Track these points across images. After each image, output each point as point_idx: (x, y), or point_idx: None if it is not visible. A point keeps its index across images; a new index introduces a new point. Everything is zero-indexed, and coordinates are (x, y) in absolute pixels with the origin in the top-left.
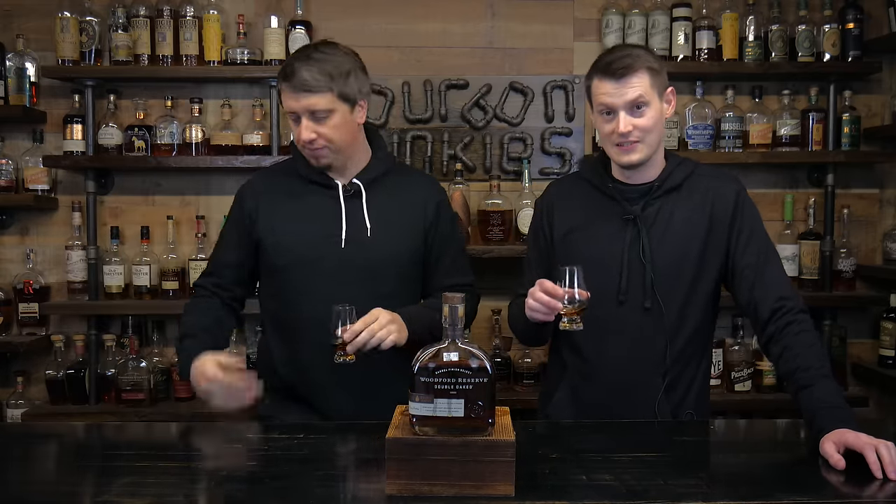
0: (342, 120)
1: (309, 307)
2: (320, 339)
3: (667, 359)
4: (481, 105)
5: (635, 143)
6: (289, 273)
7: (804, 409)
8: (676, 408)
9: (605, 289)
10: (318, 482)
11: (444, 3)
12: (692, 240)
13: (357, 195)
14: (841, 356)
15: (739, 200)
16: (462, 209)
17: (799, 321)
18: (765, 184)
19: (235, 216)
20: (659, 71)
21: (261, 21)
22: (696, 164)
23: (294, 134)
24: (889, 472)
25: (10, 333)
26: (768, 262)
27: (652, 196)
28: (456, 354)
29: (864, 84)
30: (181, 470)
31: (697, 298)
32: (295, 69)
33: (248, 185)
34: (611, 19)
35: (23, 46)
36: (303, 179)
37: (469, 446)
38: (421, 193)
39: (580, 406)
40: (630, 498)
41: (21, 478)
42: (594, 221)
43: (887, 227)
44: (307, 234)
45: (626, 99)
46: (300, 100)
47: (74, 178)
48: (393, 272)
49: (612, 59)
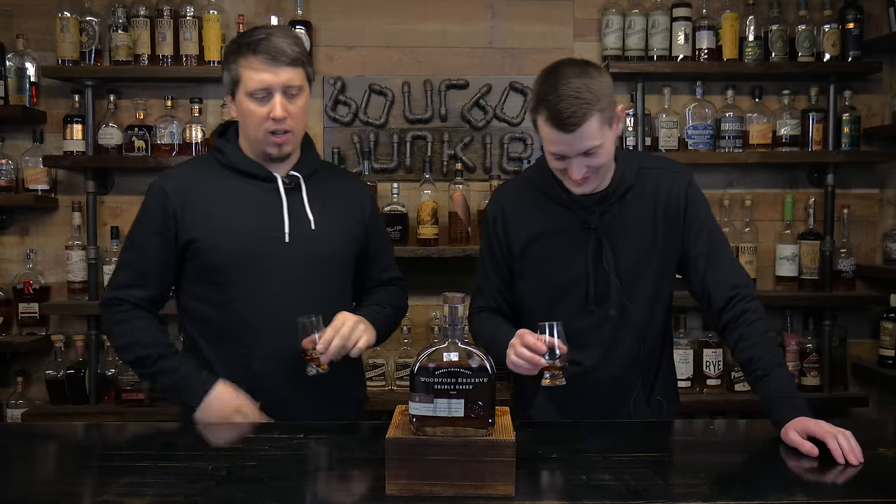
0: (305, 103)
1: (254, 308)
2: (270, 343)
3: (639, 358)
4: (481, 105)
5: (588, 177)
6: (229, 274)
7: (762, 398)
8: (648, 398)
9: (571, 299)
10: (318, 482)
11: (444, 3)
12: (651, 239)
13: (297, 188)
14: (841, 356)
15: (689, 192)
16: (462, 209)
17: (752, 309)
18: (765, 184)
19: (154, 217)
20: (607, 106)
21: (261, 21)
22: (642, 157)
23: (252, 116)
24: (850, 458)
25: (10, 333)
26: (719, 250)
27: (608, 202)
28: (456, 354)
29: (864, 84)
30: (181, 470)
31: (661, 294)
32: (270, 40)
33: (165, 182)
34: (611, 19)
35: (23, 46)
36: (232, 172)
37: (469, 446)
38: (354, 189)
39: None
40: (630, 498)
41: (21, 478)
42: (552, 232)
43: (887, 227)
44: (247, 230)
45: (579, 150)
46: (279, 73)
47: (74, 178)
48: (336, 267)
49: (558, 106)
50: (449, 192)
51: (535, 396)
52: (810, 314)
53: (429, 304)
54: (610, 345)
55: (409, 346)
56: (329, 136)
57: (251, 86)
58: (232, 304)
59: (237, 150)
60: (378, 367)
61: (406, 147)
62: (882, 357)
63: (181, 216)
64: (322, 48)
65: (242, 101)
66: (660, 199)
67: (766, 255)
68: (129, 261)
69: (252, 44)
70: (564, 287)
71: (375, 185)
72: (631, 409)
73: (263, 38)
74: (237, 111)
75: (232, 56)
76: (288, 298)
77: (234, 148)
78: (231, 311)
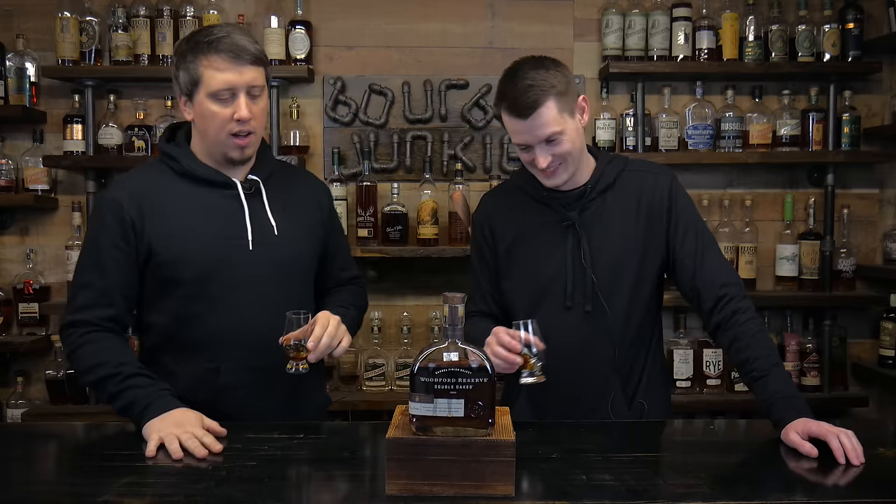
0: (266, 104)
1: (220, 320)
2: (236, 355)
3: (616, 358)
4: (481, 105)
5: (557, 169)
6: (194, 287)
7: (760, 399)
8: (630, 401)
9: (552, 297)
10: (318, 482)
11: (444, 3)
12: (631, 239)
13: (257, 193)
14: (841, 356)
15: (673, 191)
16: (462, 209)
17: (743, 309)
18: (765, 184)
19: (111, 231)
20: (566, 90)
21: (261, 21)
22: (626, 160)
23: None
24: (852, 458)
25: (10, 333)
26: (707, 249)
27: (587, 199)
28: (456, 354)
29: (864, 84)
30: (181, 470)
31: (641, 294)
32: (231, 38)
33: (117, 193)
34: (611, 19)
35: (23, 46)
36: (186, 180)
37: (469, 446)
38: (312, 189)
39: (539, 411)
40: (630, 498)
41: (21, 478)
42: (534, 231)
43: (887, 227)
44: (210, 240)
45: (538, 137)
46: (243, 72)
47: (74, 178)
48: (301, 271)
49: (515, 94)
50: (449, 192)
51: (517, 398)
52: (810, 314)
53: (429, 304)
54: (586, 344)
55: (409, 346)
56: (329, 136)
57: (214, 86)
58: (197, 317)
59: (191, 156)
60: (378, 367)
61: (406, 147)
62: (882, 357)
63: (140, 227)
64: (322, 48)
65: (203, 103)
66: (642, 199)
67: (766, 255)
68: (88, 280)
69: (213, 42)
70: (545, 284)
71: (376, 184)
72: (609, 411)
73: (224, 35)
74: (196, 113)
75: (190, 55)
76: (255, 308)
77: (187, 153)
78: (196, 325)
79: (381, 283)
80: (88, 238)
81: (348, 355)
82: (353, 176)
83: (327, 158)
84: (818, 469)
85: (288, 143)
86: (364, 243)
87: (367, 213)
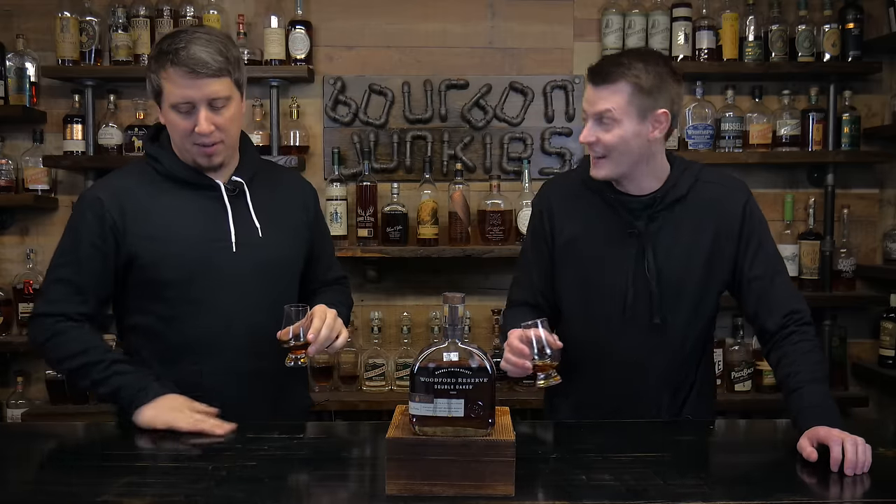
0: (236, 111)
1: (204, 322)
2: (220, 357)
3: (669, 374)
4: (481, 105)
5: (600, 159)
6: (177, 288)
7: (791, 410)
8: (678, 413)
9: (610, 305)
10: (318, 482)
11: (444, 3)
12: (698, 254)
13: (241, 195)
14: (841, 356)
15: (747, 210)
16: (462, 209)
17: (802, 332)
18: (765, 184)
19: (91, 230)
20: (647, 90)
21: (261, 21)
22: (700, 169)
23: (177, 129)
24: (846, 468)
25: (10, 333)
26: (777, 273)
27: (655, 209)
28: (456, 354)
29: (864, 84)
30: (181, 470)
31: (702, 310)
32: (189, 50)
33: (100, 192)
34: (611, 19)
35: (23, 46)
36: (169, 181)
37: (469, 446)
38: (298, 190)
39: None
40: (630, 498)
41: (21, 478)
42: (597, 232)
43: (887, 227)
44: (193, 243)
45: (595, 109)
46: (201, 87)
47: (74, 178)
48: (286, 272)
49: (602, 63)
50: (449, 192)
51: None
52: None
53: (429, 304)
54: (641, 357)
55: (409, 346)
56: (329, 136)
57: (172, 99)
58: (180, 320)
59: (174, 158)
60: (378, 367)
61: (406, 147)
62: (882, 357)
63: (121, 228)
64: (322, 48)
65: (167, 113)
66: (714, 214)
67: None
68: (63, 276)
69: (170, 53)
70: (602, 290)
71: (376, 184)
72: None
73: (182, 46)
74: (164, 120)
75: (154, 64)
76: (238, 310)
77: (170, 155)
78: (179, 327)
79: (381, 283)
80: (67, 234)
81: (348, 355)
82: (353, 176)
83: (327, 158)
84: (818, 469)
85: (288, 143)
86: (364, 243)
87: (367, 213)
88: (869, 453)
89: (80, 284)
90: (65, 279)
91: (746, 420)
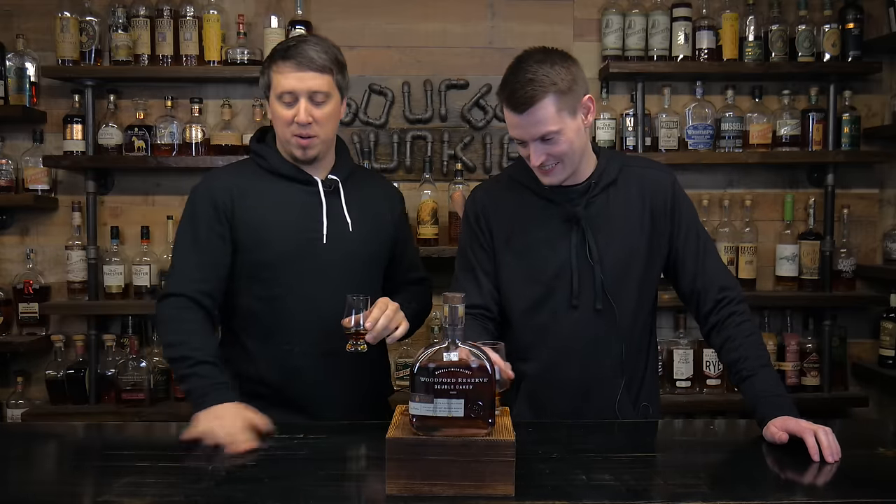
0: (334, 109)
1: (295, 305)
2: (308, 339)
3: (623, 356)
4: (481, 105)
5: (554, 167)
6: (273, 270)
7: (747, 399)
8: (634, 402)
9: (557, 294)
10: (318, 482)
11: (444, 3)
12: (637, 235)
13: (336, 191)
14: (841, 356)
15: (675, 191)
16: (462, 209)
17: (739, 312)
18: (765, 184)
19: (208, 214)
20: (568, 88)
21: (261, 21)
22: (625, 157)
23: (280, 119)
24: (826, 455)
25: (10, 333)
26: (708, 252)
27: (591, 195)
28: (456, 354)
29: (864, 84)
30: (181, 470)
31: (646, 293)
32: (299, 48)
33: (213, 182)
34: (611, 19)
35: (23, 46)
36: (273, 175)
37: (469, 446)
38: (386, 193)
39: (540, 413)
40: (630, 498)
41: (21, 478)
42: (534, 225)
43: (887, 227)
44: (288, 231)
45: (533, 134)
46: (305, 79)
47: (74, 178)
48: (370, 267)
49: (514, 86)
50: (449, 192)
51: (516, 399)
52: (810, 314)
53: None
54: (594, 343)
55: (409, 346)
56: None
57: (279, 89)
58: (275, 301)
59: (277, 155)
60: None
61: (406, 147)
62: (882, 357)
63: (231, 215)
64: None
65: (273, 104)
66: (645, 196)
67: (766, 255)
68: (185, 257)
69: (283, 50)
70: (548, 281)
71: None
72: (616, 412)
73: (294, 45)
74: (270, 114)
75: (268, 62)
76: (326, 297)
77: (274, 152)
78: (274, 307)
79: None
80: (184, 223)
81: None
82: None
83: None
84: (817, 469)
85: None
86: None
87: None
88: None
89: (201, 263)
90: (186, 260)
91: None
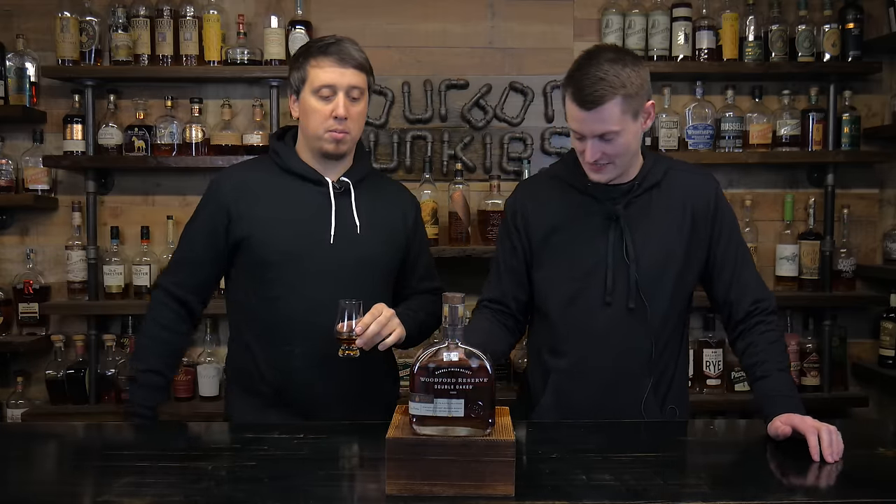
0: (365, 109)
1: (297, 306)
2: (309, 341)
3: (653, 357)
4: (481, 105)
5: (605, 165)
6: (276, 270)
7: (756, 396)
8: (661, 404)
9: (591, 290)
10: (318, 482)
11: (444, 3)
12: (675, 238)
13: (346, 193)
14: (841, 356)
15: (718, 197)
16: (462, 209)
17: (767, 322)
18: (765, 184)
19: (208, 210)
20: (636, 93)
21: (261, 21)
22: (671, 160)
23: (316, 112)
24: (826, 455)
25: (10, 333)
26: (745, 263)
27: (633, 195)
28: (456, 354)
29: (864, 84)
30: (181, 470)
31: (681, 294)
32: (339, 45)
33: (222, 179)
34: (611, 19)
35: (23, 46)
36: (286, 174)
37: (469, 446)
38: (400, 199)
39: (565, 410)
40: (630, 498)
41: (21, 478)
42: (574, 221)
43: (887, 227)
44: (294, 229)
45: (595, 131)
46: (345, 74)
47: (74, 178)
48: (377, 272)
49: (583, 83)
50: (449, 192)
51: (543, 394)
52: (810, 314)
53: None
54: (624, 342)
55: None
56: None
57: (317, 83)
58: (277, 301)
59: (293, 153)
60: None
61: (406, 147)
62: (882, 357)
63: (234, 212)
64: None
65: (307, 99)
66: (687, 200)
67: (766, 255)
68: (176, 254)
69: (323, 46)
70: (584, 277)
71: None
72: (642, 412)
73: (333, 42)
74: (301, 110)
75: (302, 58)
76: (329, 299)
77: (291, 151)
78: (275, 308)
79: None
80: (192, 216)
81: None
82: None
83: None
84: (818, 469)
85: None
86: None
87: None
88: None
89: (182, 260)
90: (176, 257)
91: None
